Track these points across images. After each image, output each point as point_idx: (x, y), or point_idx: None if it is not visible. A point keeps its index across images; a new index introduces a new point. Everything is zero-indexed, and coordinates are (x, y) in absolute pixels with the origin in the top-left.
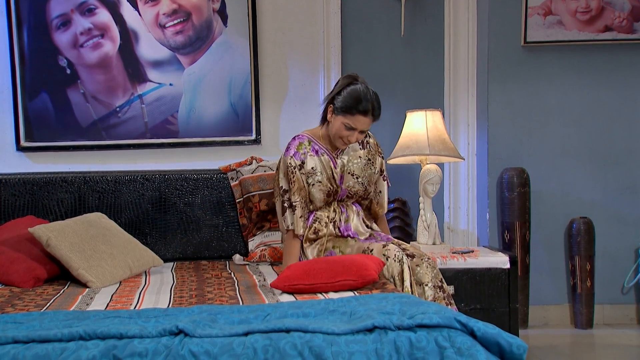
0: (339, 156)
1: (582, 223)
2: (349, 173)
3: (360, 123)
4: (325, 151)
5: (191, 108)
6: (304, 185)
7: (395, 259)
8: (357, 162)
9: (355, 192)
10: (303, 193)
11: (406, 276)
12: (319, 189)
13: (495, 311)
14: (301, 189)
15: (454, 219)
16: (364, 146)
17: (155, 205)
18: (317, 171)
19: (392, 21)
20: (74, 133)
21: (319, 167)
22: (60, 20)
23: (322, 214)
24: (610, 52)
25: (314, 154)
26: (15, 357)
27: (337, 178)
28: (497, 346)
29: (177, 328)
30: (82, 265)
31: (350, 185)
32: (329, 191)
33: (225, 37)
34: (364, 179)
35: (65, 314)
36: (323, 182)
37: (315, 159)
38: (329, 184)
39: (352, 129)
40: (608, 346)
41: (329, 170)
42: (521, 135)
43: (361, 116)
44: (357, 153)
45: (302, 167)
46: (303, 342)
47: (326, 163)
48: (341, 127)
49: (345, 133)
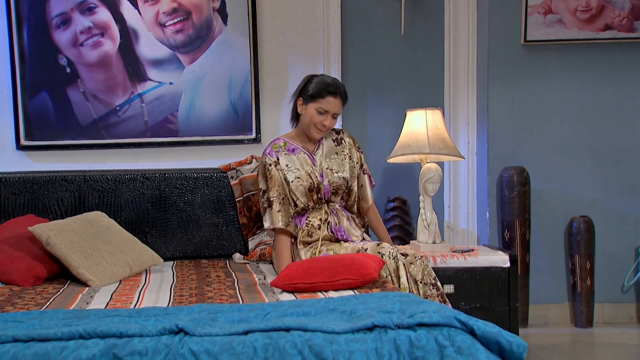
0: (315, 153)
1: (582, 222)
2: (328, 168)
3: (331, 105)
4: (301, 149)
5: (191, 107)
6: (281, 181)
7: (390, 256)
8: (334, 157)
9: (338, 187)
10: (280, 189)
11: (402, 272)
12: (299, 184)
13: (495, 310)
14: (279, 185)
15: (453, 218)
16: (339, 142)
17: (155, 204)
18: (294, 167)
19: (392, 20)
20: (74, 132)
21: (296, 164)
22: (60, 19)
23: (314, 217)
24: (611, 51)
25: (289, 153)
26: (15, 356)
27: (317, 174)
28: (497, 345)
29: (177, 327)
30: (82, 264)
31: (332, 180)
32: (310, 186)
33: (225, 35)
34: (344, 172)
35: (65, 313)
36: (302, 177)
37: (291, 157)
38: (309, 178)
39: (324, 113)
40: (608, 345)
41: (308, 167)
42: (521, 134)
43: (331, 97)
44: (333, 150)
45: (277, 163)
46: (303, 341)
47: (303, 160)
48: (314, 113)
49: (319, 118)
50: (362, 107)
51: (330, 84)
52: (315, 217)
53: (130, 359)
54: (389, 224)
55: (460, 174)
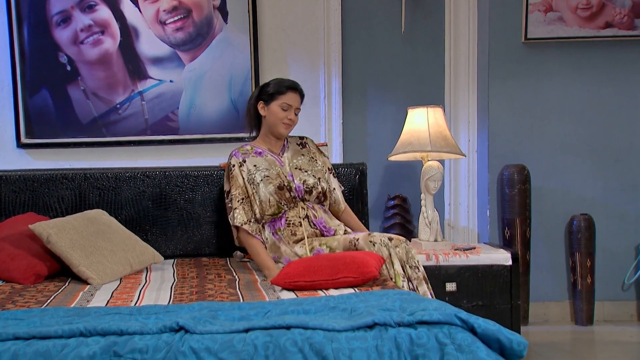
0: (282, 156)
1: (582, 220)
2: (297, 168)
3: (293, 99)
4: (268, 152)
5: (191, 105)
6: (243, 183)
7: (382, 244)
8: (301, 158)
9: (312, 186)
10: (241, 190)
11: (395, 259)
12: (268, 182)
13: (497, 308)
14: (239, 186)
15: (454, 216)
16: (304, 146)
17: (155, 201)
18: (263, 167)
19: (392, 18)
20: (74, 130)
21: (263, 164)
22: (60, 17)
23: (293, 215)
24: (611, 49)
25: (256, 155)
26: (15, 354)
27: (286, 174)
28: (497, 342)
29: (177, 324)
30: (83, 262)
31: (302, 178)
32: (280, 184)
33: (225, 33)
34: (314, 172)
35: (65, 311)
36: (271, 176)
37: (258, 159)
38: (278, 177)
39: (288, 108)
40: (608, 343)
41: (276, 167)
42: (522, 132)
43: (291, 92)
44: (299, 152)
45: (242, 165)
46: (303, 339)
47: (271, 161)
48: (278, 110)
49: (284, 114)
50: (363, 104)
51: (287, 81)
52: (294, 216)
53: (130, 356)
54: (390, 222)
55: (460, 172)
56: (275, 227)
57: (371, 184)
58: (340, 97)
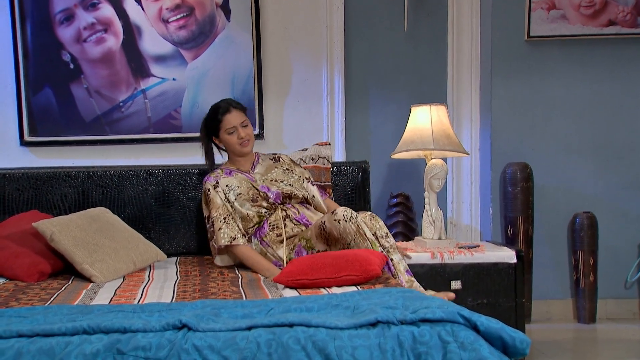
0: (253, 173)
1: (585, 218)
2: (273, 180)
3: (231, 120)
4: (237, 171)
5: (194, 103)
6: (222, 202)
7: (346, 219)
8: (274, 171)
9: (290, 193)
10: (222, 210)
11: (365, 230)
12: (242, 199)
13: (501, 306)
14: (219, 207)
15: (457, 214)
16: (277, 160)
17: (158, 200)
18: (235, 185)
19: (395, 16)
20: (77, 128)
21: (235, 182)
22: (63, 15)
23: (274, 219)
24: (614, 47)
25: (227, 175)
26: (19, 351)
27: (258, 187)
28: (500, 341)
29: (180, 322)
30: (86, 260)
31: (280, 187)
32: (254, 197)
33: (228, 32)
34: (291, 182)
35: (69, 308)
36: (243, 193)
37: (230, 178)
38: (249, 191)
39: (234, 129)
40: (611, 341)
41: (247, 183)
42: (524, 129)
43: (227, 115)
44: (272, 166)
45: (216, 186)
46: (306, 337)
47: (242, 179)
48: (227, 137)
49: (233, 138)
50: (365, 103)
51: (219, 105)
52: (275, 219)
53: (134, 354)
54: (392, 220)
55: (463, 170)
56: (261, 235)
57: (374, 182)
58: (343, 96)
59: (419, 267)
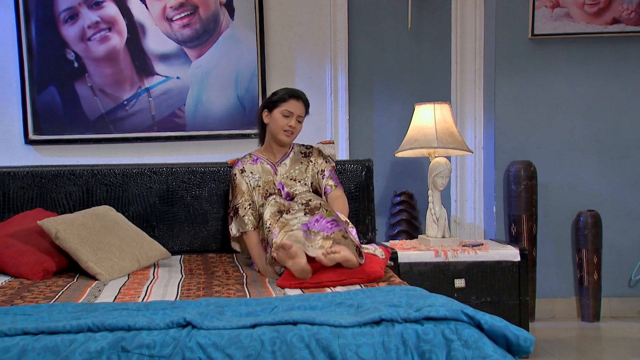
0: (279, 164)
1: (589, 216)
2: (291, 179)
3: (295, 107)
4: (264, 160)
5: (198, 101)
6: (248, 188)
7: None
8: (298, 167)
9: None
10: (247, 196)
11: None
12: (258, 193)
13: (505, 304)
14: (245, 192)
15: (460, 212)
16: (307, 155)
17: (162, 198)
18: (257, 174)
19: (399, 14)
20: (81, 126)
21: (257, 172)
22: (68, 14)
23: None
24: (618, 45)
25: (253, 163)
26: (24, 349)
27: (276, 183)
28: (504, 339)
29: (184, 320)
30: (91, 258)
31: (292, 191)
32: (265, 193)
33: (232, 30)
34: (307, 179)
35: (73, 306)
36: (262, 186)
37: (254, 166)
38: (266, 185)
39: (290, 115)
40: (615, 339)
41: (268, 175)
42: (528, 128)
43: (294, 100)
44: (299, 160)
45: (243, 171)
46: (310, 335)
47: (266, 170)
48: (279, 117)
49: (284, 121)
50: (369, 101)
51: (292, 89)
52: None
53: (138, 352)
54: (396, 218)
55: (467, 168)
56: None
57: (377, 180)
58: (347, 94)
59: (422, 265)
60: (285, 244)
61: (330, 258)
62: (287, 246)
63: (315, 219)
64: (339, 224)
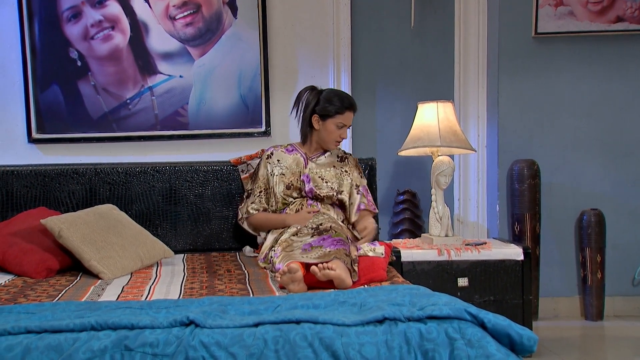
0: (312, 159)
1: (592, 215)
2: (320, 177)
3: (349, 119)
4: (300, 152)
5: (201, 100)
6: (264, 174)
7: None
8: (329, 169)
9: (325, 195)
10: (261, 183)
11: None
12: (280, 180)
13: (508, 303)
14: (262, 179)
15: (463, 211)
16: (342, 160)
17: (165, 197)
18: (285, 164)
19: (402, 13)
20: (84, 125)
21: (286, 161)
22: (70, 13)
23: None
24: (622, 43)
25: (286, 152)
26: (27, 347)
27: (303, 175)
28: (507, 338)
29: (187, 319)
30: (94, 257)
31: (318, 186)
32: (289, 184)
33: (235, 29)
34: (335, 184)
35: (77, 305)
36: (286, 175)
37: (285, 155)
38: (292, 177)
39: (343, 126)
40: (618, 338)
41: (299, 166)
42: (531, 126)
43: (349, 112)
44: (332, 163)
45: (270, 157)
46: (313, 333)
47: (296, 160)
48: (333, 129)
49: (338, 132)
50: (372, 100)
51: (346, 99)
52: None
53: (141, 350)
54: (399, 217)
55: (470, 167)
56: None
57: (380, 179)
58: (350, 93)
59: (425, 264)
60: (291, 269)
61: (325, 274)
62: (294, 270)
63: (322, 238)
64: (344, 243)
